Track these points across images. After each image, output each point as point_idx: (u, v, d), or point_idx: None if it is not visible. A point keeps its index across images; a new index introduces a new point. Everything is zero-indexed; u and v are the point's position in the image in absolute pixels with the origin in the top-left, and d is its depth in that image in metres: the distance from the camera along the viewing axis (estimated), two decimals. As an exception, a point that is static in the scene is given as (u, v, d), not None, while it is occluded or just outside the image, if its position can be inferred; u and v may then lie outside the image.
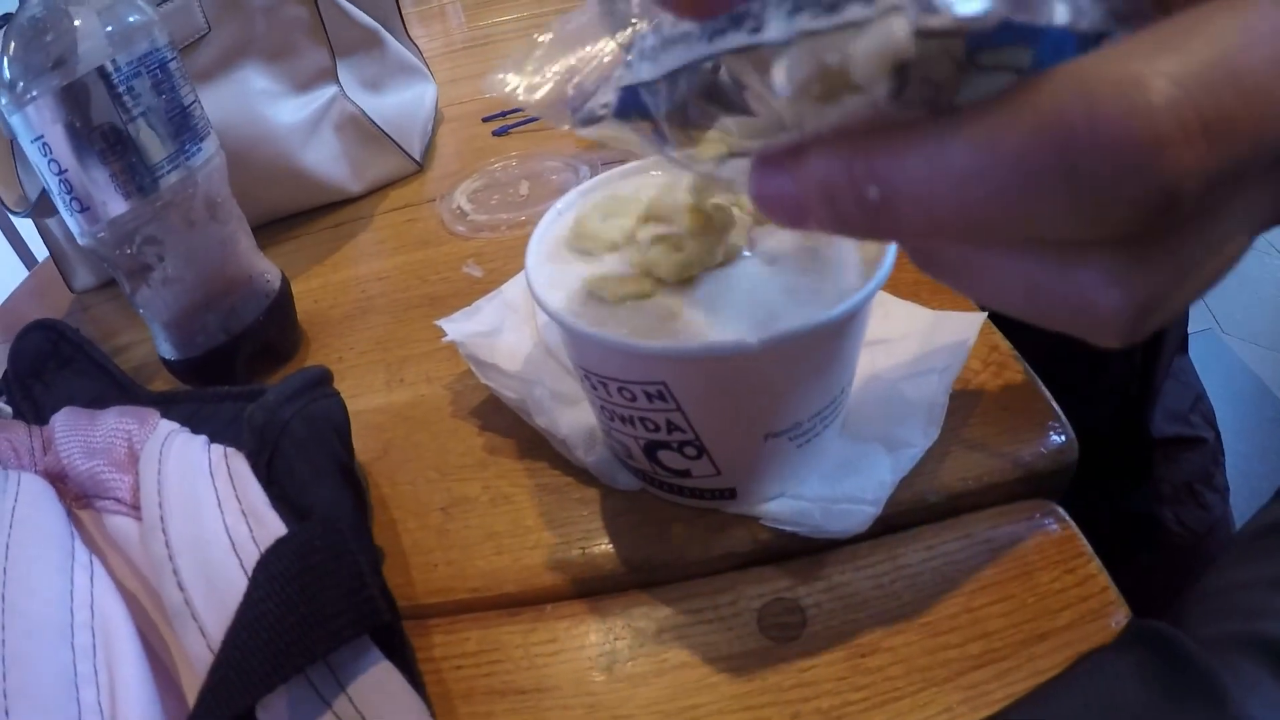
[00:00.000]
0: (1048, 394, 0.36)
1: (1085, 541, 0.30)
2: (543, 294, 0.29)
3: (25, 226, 1.48)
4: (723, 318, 0.28)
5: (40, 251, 0.74)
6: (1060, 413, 0.35)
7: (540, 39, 0.25)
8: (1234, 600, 0.26)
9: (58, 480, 0.33)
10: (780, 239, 0.30)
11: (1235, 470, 0.70)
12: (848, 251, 0.29)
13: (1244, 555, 0.28)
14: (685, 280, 0.29)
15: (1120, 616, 0.28)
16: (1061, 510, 0.32)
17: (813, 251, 0.29)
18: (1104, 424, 0.67)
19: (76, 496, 0.33)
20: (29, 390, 0.42)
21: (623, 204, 0.33)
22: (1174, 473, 0.67)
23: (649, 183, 0.34)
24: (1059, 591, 0.29)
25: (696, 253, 0.28)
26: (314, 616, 0.24)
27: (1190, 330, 0.74)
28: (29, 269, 1.41)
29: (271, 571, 0.25)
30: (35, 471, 0.33)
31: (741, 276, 0.29)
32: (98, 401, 0.37)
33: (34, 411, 0.41)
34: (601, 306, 0.29)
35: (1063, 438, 0.33)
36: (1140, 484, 0.67)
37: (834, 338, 0.27)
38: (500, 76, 0.24)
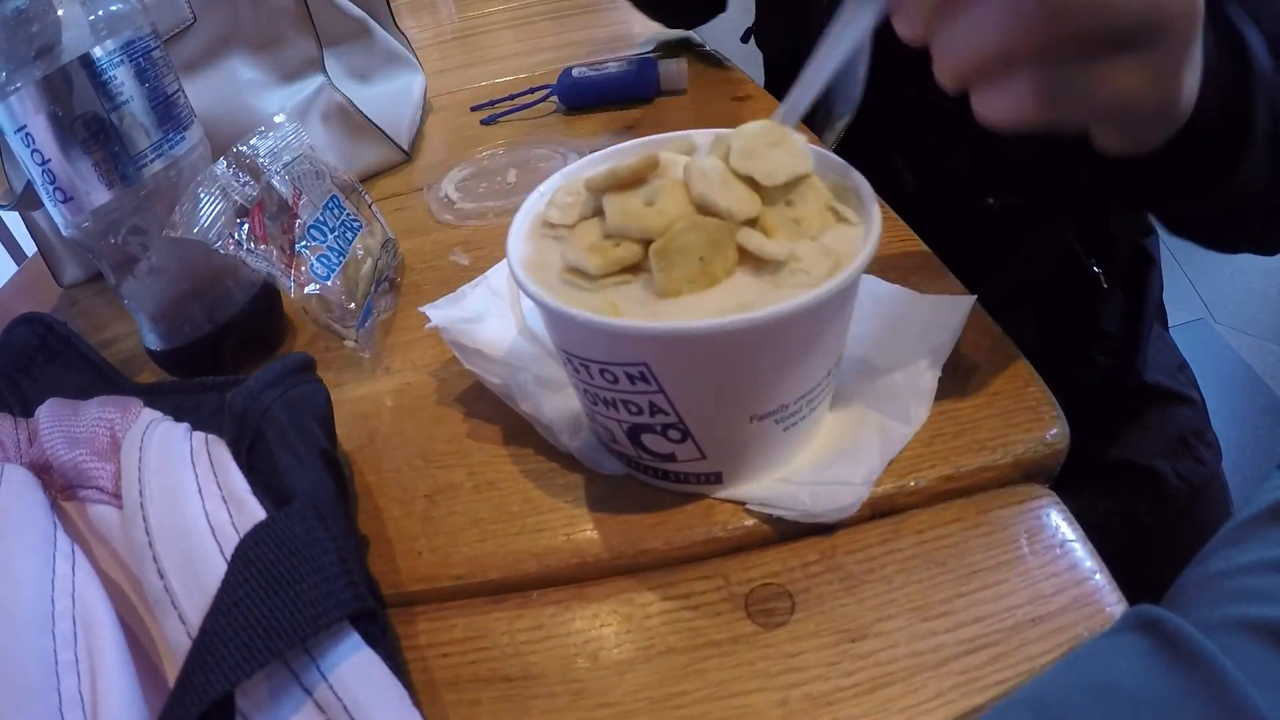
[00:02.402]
0: (1039, 378, 0.35)
1: (1078, 527, 0.30)
2: (523, 276, 0.29)
3: (14, 221, 1.47)
4: (706, 299, 0.27)
5: (28, 246, 0.74)
6: (1052, 397, 0.34)
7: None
8: (1234, 584, 0.26)
9: (43, 472, 0.32)
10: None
11: (1227, 459, 0.70)
12: (834, 238, 0.29)
13: (1242, 539, 0.28)
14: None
15: (1113, 602, 0.28)
16: (1054, 495, 0.32)
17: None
18: (1096, 377, 0.68)
19: (61, 488, 0.32)
20: (16, 384, 0.42)
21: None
22: (1167, 425, 0.68)
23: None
24: (1051, 576, 0.29)
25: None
26: (293, 602, 0.24)
27: (1182, 320, 0.76)
28: (18, 264, 1.41)
29: (250, 557, 0.25)
30: (21, 464, 0.33)
31: None
32: (84, 395, 0.37)
33: (21, 405, 0.41)
34: (582, 289, 0.29)
35: (1054, 423, 0.33)
36: (1136, 433, 0.68)
37: (814, 321, 0.27)
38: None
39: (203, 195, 0.41)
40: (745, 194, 0.29)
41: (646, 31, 0.89)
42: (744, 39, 0.76)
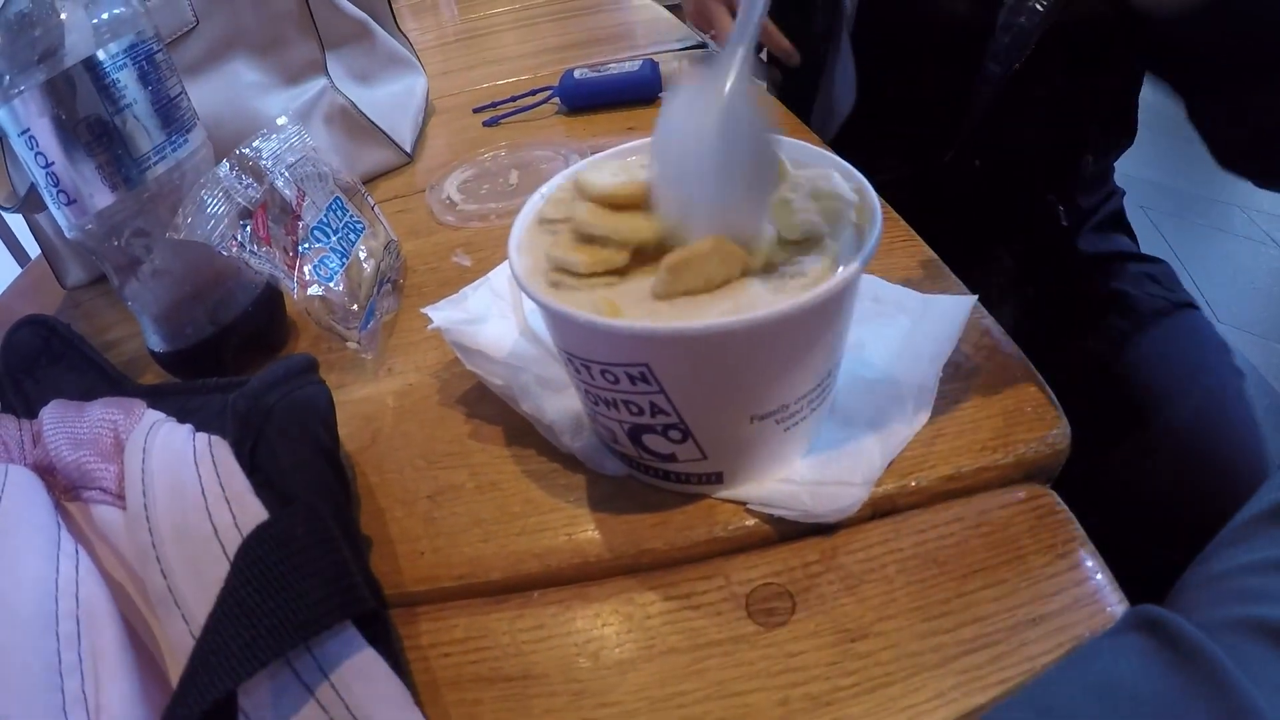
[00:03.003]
0: (1040, 378, 0.35)
1: (1079, 526, 0.30)
2: (525, 278, 0.29)
3: (18, 223, 1.48)
4: (706, 300, 0.27)
5: (32, 248, 0.74)
6: (1053, 396, 0.34)
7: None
8: (1235, 584, 0.26)
9: (47, 473, 0.33)
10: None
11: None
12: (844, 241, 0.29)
13: (1244, 538, 0.28)
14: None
15: (1114, 601, 0.28)
16: (1055, 495, 0.32)
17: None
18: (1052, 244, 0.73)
19: (65, 489, 0.32)
20: (20, 386, 0.42)
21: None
22: (1129, 268, 0.71)
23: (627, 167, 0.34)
24: (1052, 576, 0.29)
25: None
26: (294, 602, 0.24)
27: None
28: (22, 266, 1.41)
29: (253, 557, 0.25)
30: (25, 465, 0.33)
31: None
32: (88, 396, 0.37)
33: (25, 407, 0.41)
34: (574, 289, 0.29)
35: (1056, 423, 0.33)
36: (1098, 279, 0.71)
37: (814, 321, 0.27)
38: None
39: (206, 197, 0.41)
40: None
41: (649, 32, 0.89)
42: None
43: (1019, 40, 0.63)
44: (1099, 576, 0.28)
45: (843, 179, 0.30)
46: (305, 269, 0.44)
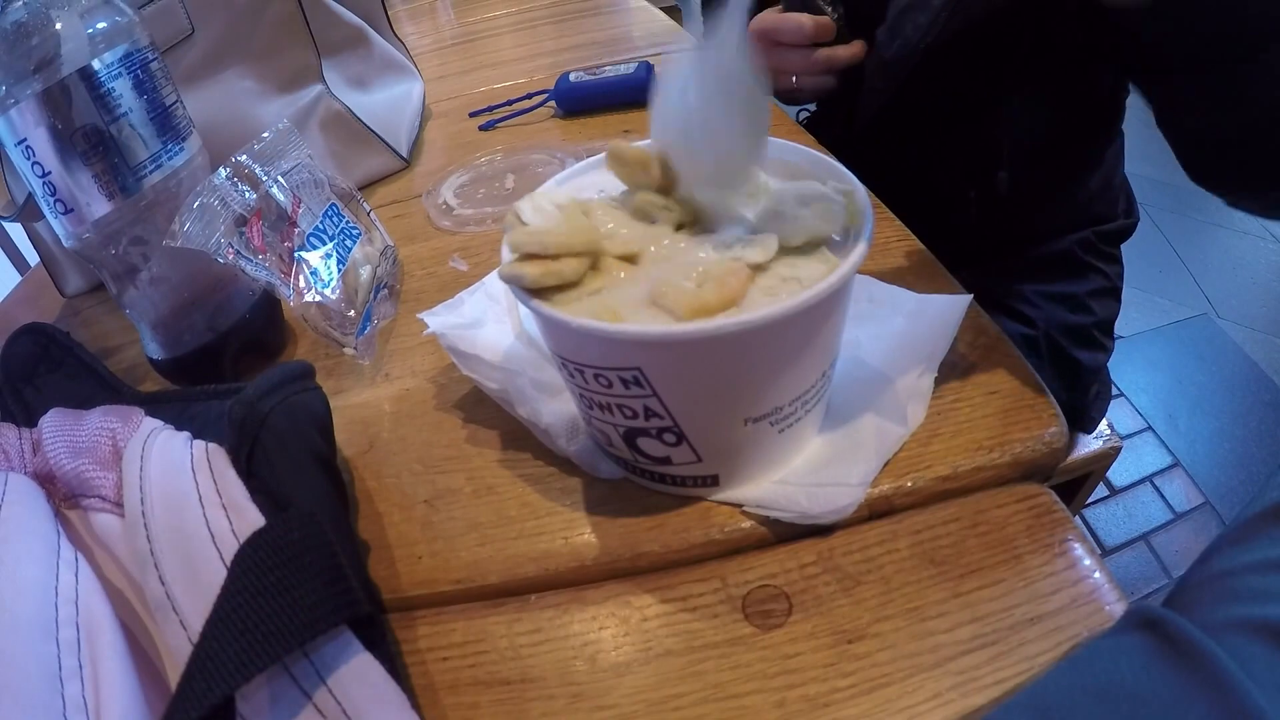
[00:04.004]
0: (1037, 377, 0.35)
1: (1077, 525, 0.30)
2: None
3: (17, 231, 1.48)
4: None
5: (32, 256, 0.74)
6: (1049, 394, 0.34)
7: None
8: (1237, 584, 0.26)
9: (47, 481, 0.33)
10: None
11: (1233, 454, 0.70)
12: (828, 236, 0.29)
13: (1247, 537, 0.28)
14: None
15: (1112, 600, 0.28)
16: (1052, 494, 0.32)
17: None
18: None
19: (65, 497, 0.33)
20: (20, 394, 0.42)
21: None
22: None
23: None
24: (1049, 575, 0.29)
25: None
26: (290, 607, 0.24)
27: (1185, 315, 0.76)
28: (21, 275, 1.41)
29: (249, 563, 0.25)
30: (25, 473, 0.33)
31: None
32: (87, 404, 0.37)
33: (25, 415, 0.41)
34: (577, 295, 0.29)
35: (1052, 422, 0.33)
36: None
37: (806, 323, 0.27)
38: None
39: (202, 205, 0.41)
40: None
41: (646, 34, 0.89)
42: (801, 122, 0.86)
43: (917, 35, 0.63)
44: (1097, 575, 0.28)
45: (829, 185, 0.30)
46: (301, 276, 0.44)
